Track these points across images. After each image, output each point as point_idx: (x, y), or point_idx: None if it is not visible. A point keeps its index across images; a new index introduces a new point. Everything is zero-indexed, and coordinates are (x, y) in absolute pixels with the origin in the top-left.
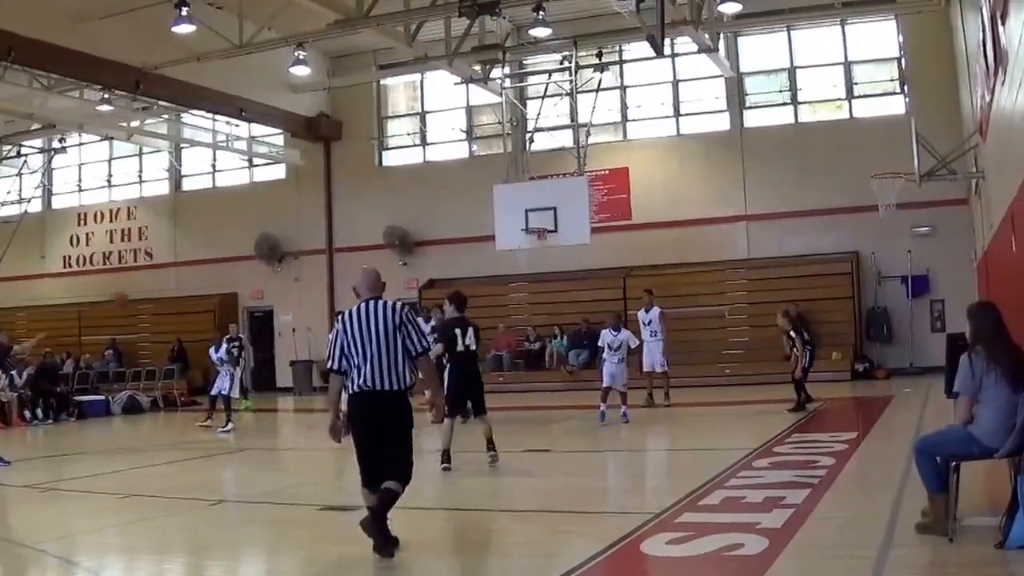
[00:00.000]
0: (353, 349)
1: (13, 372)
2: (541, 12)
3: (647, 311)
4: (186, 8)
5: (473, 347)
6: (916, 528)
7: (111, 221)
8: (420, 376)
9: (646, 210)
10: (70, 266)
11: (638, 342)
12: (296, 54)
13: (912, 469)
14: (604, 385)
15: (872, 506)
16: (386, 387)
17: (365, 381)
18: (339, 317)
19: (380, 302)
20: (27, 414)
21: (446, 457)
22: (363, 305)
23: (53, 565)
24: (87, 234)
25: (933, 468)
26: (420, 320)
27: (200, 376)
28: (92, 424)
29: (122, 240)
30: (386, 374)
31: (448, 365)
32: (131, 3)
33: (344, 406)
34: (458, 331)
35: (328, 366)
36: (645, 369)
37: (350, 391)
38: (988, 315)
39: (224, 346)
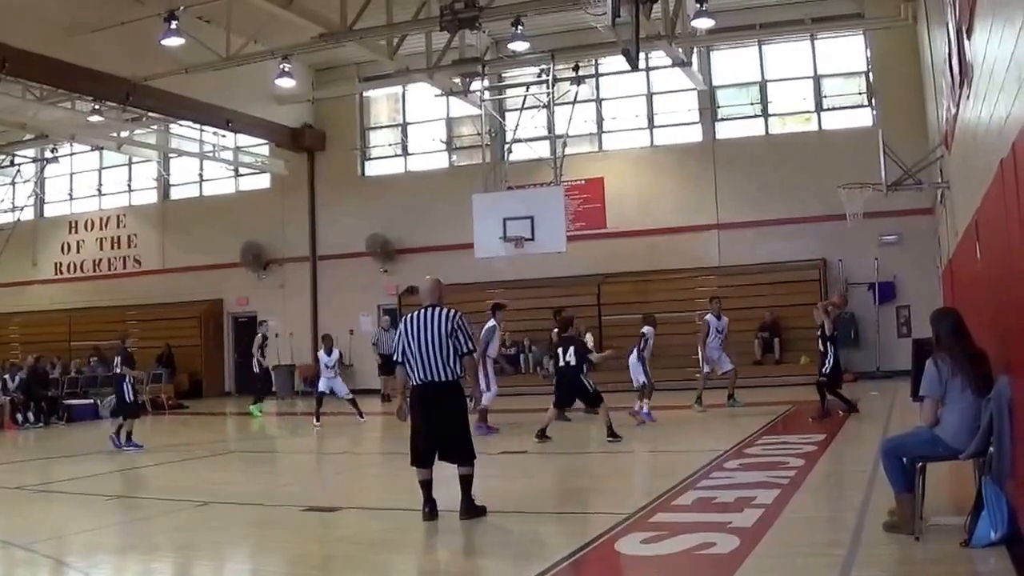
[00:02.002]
0: (412, 348)
1: (6, 376)
2: (520, 27)
3: (719, 318)
4: (175, 22)
5: (572, 362)
6: (883, 527)
7: (101, 229)
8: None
9: (621, 219)
10: (61, 273)
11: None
12: (281, 67)
13: (879, 470)
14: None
15: (840, 506)
16: (440, 378)
17: (423, 374)
18: (402, 319)
19: (438, 309)
20: (18, 417)
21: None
22: (423, 311)
23: (44, 565)
24: (78, 242)
25: (900, 469)
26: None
27: (187, 380)
28: (81, 427)
29: (112, 248)
30: (440, 368)
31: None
32: (122, 16)
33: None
34: (560, 350)
35: (395, 359)
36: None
37: (411, 383)
38: (948, 321)
39: (336, 352)
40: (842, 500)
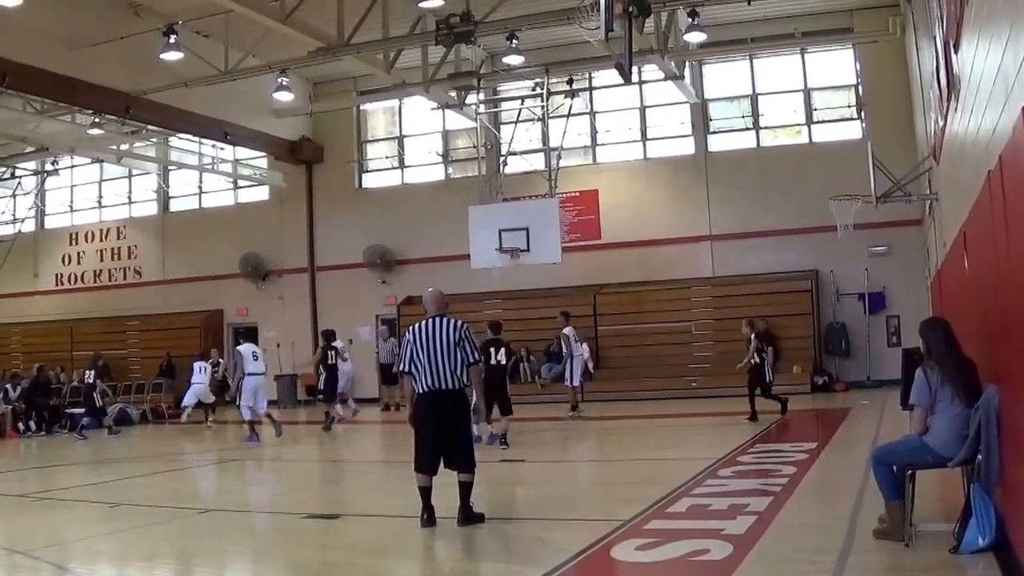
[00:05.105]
0: (421, 357)
1: (8, 386)
2: (514, 41)
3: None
4: (174, 36)
5: (503, 361)
6: (874, 534)
7: (101, 240)
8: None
9: (615, 230)
10: (62, 284)
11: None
12: (279, 80)
13: (870, 478)
14: None
15: (832, 513)
16: (447, 387)
17: (431, 383)
18: (409, 328)
19: (445, 319)
20: (20, 426)
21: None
22: (430, 321)
23: (47, 571)
24: (78, 253)
25: (890, 477)
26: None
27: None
28: (86, 435)
29: (112, 259)
30: (448, 377)
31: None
32: (121, 31)
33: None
34: (491, 349)
35: (400, 368)
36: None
37: (418, 391)
38: (938, 331)
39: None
40: (833, 507)
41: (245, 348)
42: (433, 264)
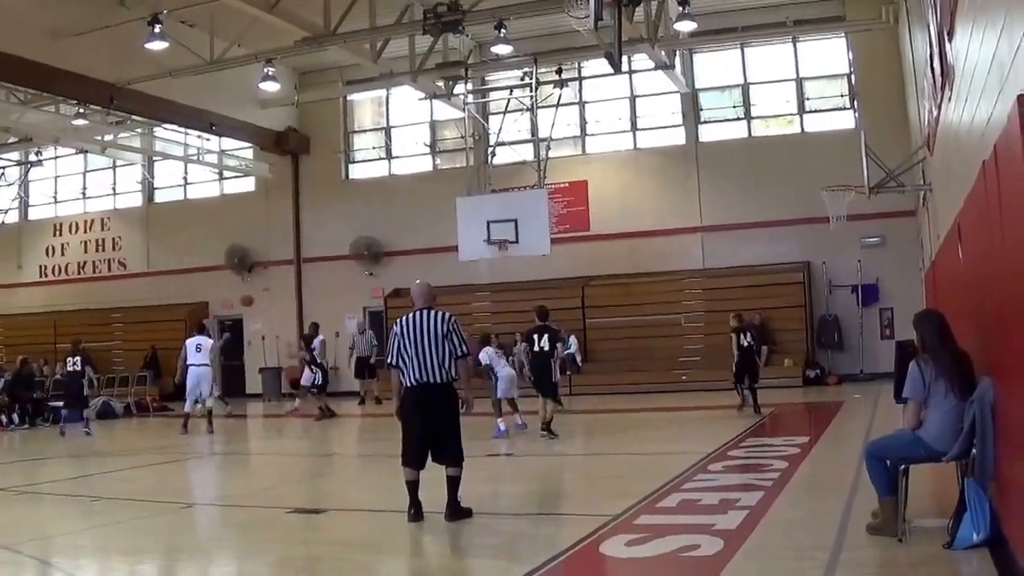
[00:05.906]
0: (409, 350)
1: None
2: (503, 30)
3: None
4: (158, 25)
5: (547, 348)
6: (867, 529)
7: (86, 232)
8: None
9: (604, 221)
10: (46, 275)
11: None
12: (265, 70)
13: (863, 472)
14: None
15: (824, 508)
16: (435, 380)
17: (419, 376)
18: (397, 321)
19: (433, 312)
20: (3, 419)
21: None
22: (418, 313)
23: (29, 566)
24: (62, 244)
25: (883, 471)
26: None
27: (172, 382)
28: (67, 429)
29: (96, 250)
30: (436, 370)
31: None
32: (105, 20)
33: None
34: (535, 336)
35: (388, 362)
36: None
37: (406, 384)
38: (932, 323)
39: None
40: (825, 502)
41: (190, 341)
42: (421, 256)
